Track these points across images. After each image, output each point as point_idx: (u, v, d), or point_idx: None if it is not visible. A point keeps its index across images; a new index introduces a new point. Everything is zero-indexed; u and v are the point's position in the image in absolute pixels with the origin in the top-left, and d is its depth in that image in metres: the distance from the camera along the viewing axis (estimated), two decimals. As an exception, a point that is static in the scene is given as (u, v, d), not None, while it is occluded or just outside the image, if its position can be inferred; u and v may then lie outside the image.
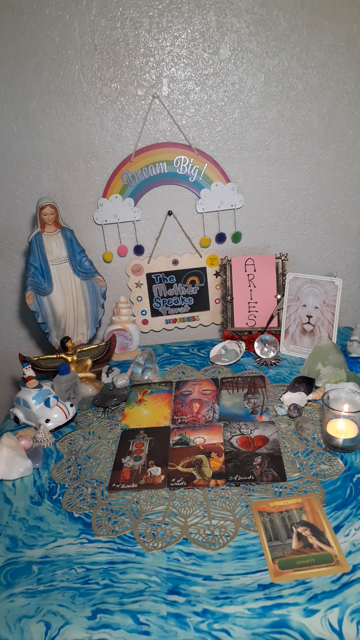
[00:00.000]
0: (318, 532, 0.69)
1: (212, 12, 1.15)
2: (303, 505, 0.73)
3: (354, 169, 1.30)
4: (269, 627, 0.58)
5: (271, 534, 0.70)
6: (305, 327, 1.22)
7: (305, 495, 0.75)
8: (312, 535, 0.68)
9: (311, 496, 0.75)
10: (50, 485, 0.86)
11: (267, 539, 0.69)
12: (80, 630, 0.60)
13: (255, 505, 0.74)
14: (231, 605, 0.61)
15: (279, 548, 0.68)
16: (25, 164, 1.25)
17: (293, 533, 0.69)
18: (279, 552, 0.67)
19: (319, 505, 0.73)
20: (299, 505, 0.73)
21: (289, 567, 0.65)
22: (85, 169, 1.27)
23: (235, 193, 1.30)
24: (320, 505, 0.74)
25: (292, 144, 1.27)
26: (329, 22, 1.16)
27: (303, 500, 0.74)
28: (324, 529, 0.70)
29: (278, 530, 0.70)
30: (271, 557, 0.66)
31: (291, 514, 0.72)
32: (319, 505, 0.74)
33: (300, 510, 0.73)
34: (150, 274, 1.36)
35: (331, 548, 0.67)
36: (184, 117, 1.24)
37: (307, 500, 0.74)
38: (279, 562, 0.65)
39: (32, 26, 1.13)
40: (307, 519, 0.71)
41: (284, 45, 1.18)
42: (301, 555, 0.66)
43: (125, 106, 1.22)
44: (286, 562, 0.65)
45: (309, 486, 0.79)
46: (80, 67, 1.17)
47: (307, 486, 0.79)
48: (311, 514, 0.72)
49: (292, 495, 0.75)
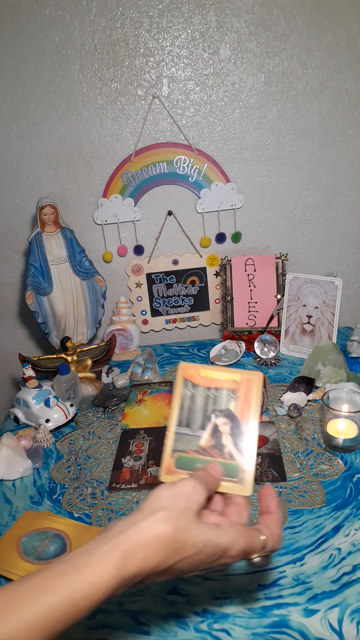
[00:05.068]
0: (238, 432, 0.51)
1: (212, 12, 1.15)
2: (239, 387, 0.53)
3: (354, 169, 1.30)
4: (269, 627, 0.58)
5: (185, 416, 0.53)
6: (305, 327, 1.22)
7: (247, 374, 0.53)
8: (230, 435, 0.51)
9: (254, 377, 0.53)
10: (50, 485, 0.86)
11: (177, 422, 0.52)
12: (80, 630, 0.60)
13: (185, 368, 0.54)
14: (231, 605, 0.61)
15: (185, 439, 0.52)
16: (25, 164, 1.25)
17: (209, 424, 0.52)
18: (182, 445, 0.52)
19: (257, 393, 0.52)
20: (235, 385, 0.53)
21: (186, 467, 0.51)
22: (85, 169, 1.27)
23: (235, 193, 1.30)
24: (259, 393, 0.53)
25: (292, 144, 1.27)
26: (329, 22, 1.16)
27: (242, 381, 0.53)
28: (246, 430, 0.51)
29: (194, 414, 0.53)
30: (172, 447, 0.51)
31: (219, 396, 0.53)
32: (258, 392, 0.52)
33: (232, 393, 0.53)
34: (150, 274, 1.36)
35: (242, 458, 0.50)
36: (184, 117, 1.24)
37: (246, 382, 0.53)
38: (178, 457, 0.51)
39: (32, 26, 1.13)
40: (234, 410, 0.52)
41: (284, 45, 1.18)
42: (205, 457, 0.51)
43: (125, 106, 1.22)
44: (185, 461, 0.51)
45: (309, 485, 0.79)
46: (80, 67, 1.17)
47: (307, 486, 0.79)
48: (242, 405, 0.52)
49: (232, 369, 0.54)
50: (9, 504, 0.82)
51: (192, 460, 0.51)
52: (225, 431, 0.51)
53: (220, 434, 0.51)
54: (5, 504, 0.82)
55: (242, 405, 0.52)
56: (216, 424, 0.52)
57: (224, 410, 0.52)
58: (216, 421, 0.52)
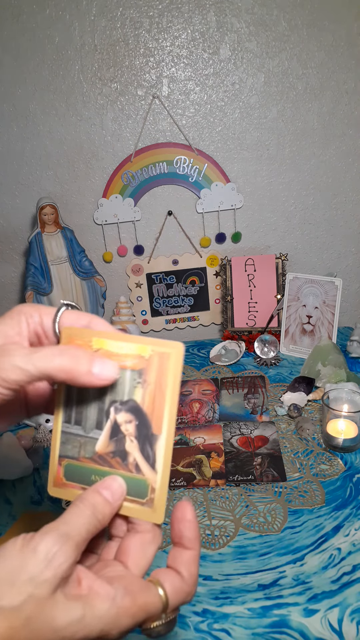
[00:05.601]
0: (146, 435, 0.35)
1: (212, 12, 1.15)
2: (148, 367, 0.35)
3: (354, 169, 1.30)
4: (269, 627, 0.58)
5: (73, 409, 0.37)
6: (305, 327, 1.22)
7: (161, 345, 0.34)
8: (135, 437, 0.35)
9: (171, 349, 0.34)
10: (50, 485, 0.86)
11: (63, 418, 0.37)
12: (80, 630, 0.60)
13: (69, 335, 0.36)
14: (231, 605, 0.61)
15: (75, 441, 0.37)
16: (25, 164, 1.25)
17: (108, 421, 0.36)
18: (72, 449, 0.37)
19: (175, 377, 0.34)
20: (142, 364, 0.35)
21: (79, 479, 0.37)
22: (85, 169, 1.27)
23: (235, 193, 1.30)
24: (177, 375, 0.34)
25: (292, 144, 1.27)
26: (329, 22, 1.16)
27: (152, 356, 0.35)
28: (161, 430, 0.35)
29: (85, 407, 0.37)
30: (59, 453, 0.38)
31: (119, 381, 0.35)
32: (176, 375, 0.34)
33: (138, 376, 0.35)
34: (150, 274, 1.36)
35: (153, 472, 0.35)
36: (184, 117, 1.24)
37: (159, 358, 0.35)
38: (67, 465, 0.37)
39: (32, 26, 1.13)
40: (141, 401, 0.35)
41: (284, 45, 1.18)
42: (103, 468, 0.36)
43: (125, 106, 1.22)
44: (77, 471, 0.37)
45: (309, 485, 0.79)
46: (80, 67, 1.17)
47: (307, 486, 0.79)
48: (153, 394, 0.35)
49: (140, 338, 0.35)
50: (9, 504, 0.82)
51: (86, 471, 0.36)
52: (128, 432, 0.35)
53: (123, 436, 0.35)
54: (5, 504, 0.82)
55: (153, 394, 0.34)
56: (117, 421, 0.36)
57: (126, 402, 0.35)
58: (116, 417, 0.35)
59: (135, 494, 0.35)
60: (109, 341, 0.35)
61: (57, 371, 0.32)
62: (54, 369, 0.32)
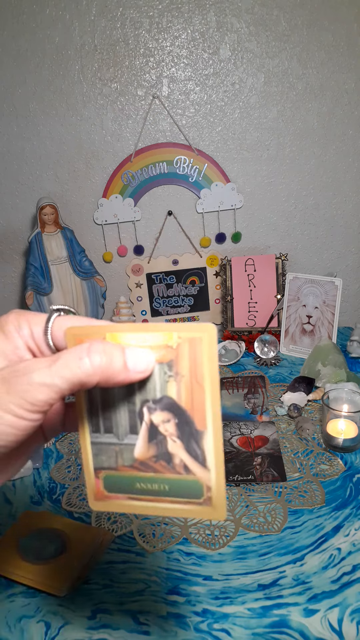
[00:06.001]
0: (190, 431, 0.32)
1: (212, 12, 1.15)
2: (177, 356, 0.31)
3: (354, 169, 1.30)
4: (269, 627, 0.58)
5: (100, 416, 0.33)
6: (305, 327, 1.22)
7: (188, 329, 0.30)
8: (178, 437, 0.32)
9: (202, 332, 0.30)
10: (50, 485, 0.86)
11: (90, 428, 0.34)
12: (80, 630, 0.60)
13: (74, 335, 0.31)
14: (231, 605, 0.61)
15: (109, 450, 0.34)
16: (25, 164, 1.25)
17: (142, 423, 0.33)
18: (108, 459, 0.34)
19: (211, 360, 0.30)
20: (170, 354, 0.31)
21: (123, 490, 0.34)
22: (85, 169, 1.27)
23: (235, 193, 1.30)
24: (214, 359, 0.30)
25: (292, 144, 1.27)
26: (329, 22, 1.16)
27: (180, 344, 0.30)
28: (205, 426, 0.31)
29: (113, 411, 0.33)
30: (93, 465, 0.34)
31: (147, 378, 0.32)
32: (212, 358, 0.30)
33: (169, 369, 0.31)
34: (150, 274, 1.36)
35: (205, 471, 0.32)
36: (184, 117, 1.24)
37: (190, 344, 0.30)
38: (107, 477, 0.34)
39: (32, 26, 1.13)
40: (177, 396, 0.31)
41: (284, 45, 1.18)
42: (147, 474, 0.33)
43: (125, 106, 1.22)
44: (119, 481, 0.34)
45: (309, 485, 0.79)
46: (80, 67, 1.17)
47: (307, 486, 0.79)
48: (189, 385, 0.31)
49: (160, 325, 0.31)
50: (9, 504, 0.82)
51: (128, 480, 0.34)
52: (169, 432, 0.32)
53: (163, 437, 0.32)
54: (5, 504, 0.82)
55: (190, 387, 0.31)
56: (153, 422, 0.32)
57: (159, 399, 0.32)
58: (152, 418, 0.32)
59: (189, 495, 0.33)
60: (126, 334, 0.31)
61: (89, 375, 0.28)
62: (85, 374, 0.28)
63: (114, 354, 0.29)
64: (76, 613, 0.62)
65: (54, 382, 0.27)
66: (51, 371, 0.27)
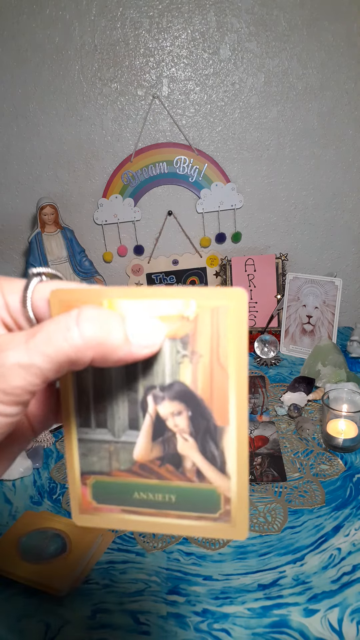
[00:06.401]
0: (208, 429, 0.25)
1: (212, 12, 1.15)
2: (195, 330, 0.24)
3: (354, 169, 1.30)
4: (269, 627, 0.58)
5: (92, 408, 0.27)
6: (305, 327, 1.22)
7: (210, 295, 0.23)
8: (192, 434, 0.26)
9: (229, 299, 0.23)
10: (50, 485, 0.86)
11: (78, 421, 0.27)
12: (80, 630, 0.60)
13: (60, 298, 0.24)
14: (231, 605, 0.61)
15: (102, 451, 0.27)
16: (25, 164, 1.25)
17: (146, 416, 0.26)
18: (100, 462, 0.27)
19: (240, 337, 0.24)
20: (186, 328, 0.24)
21: (117, 500, 0.27)
22: (85, 169, 1.27)
23: (235, 193, 1.30)
24: (242, 337, 0.24)
25: (292, 144, 1.27)
26: (329, 22, 1.16)
27: (199, 314, 0.24)
28: (227, 420, 0.25)
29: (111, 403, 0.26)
30: (80, 469, 0.27)
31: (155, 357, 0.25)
32: (240, 334, 0.24)
33: (183, 346, 0.24)
34: (150, 274, 1.36)
35: (224, 478, 0.25)
36: (184, 117, 1.24)
37: (212, 315, 0.24)
38: (96, 484, 0.27)
39: (32, 26, 1.13)
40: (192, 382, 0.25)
41: (284, 45, 1.18)
42: (149, 481, 0.27)
43: (125, 106, 1.22)
44: (111, 489, 0.27)
45: (309, 485, 0.79)
46: (80, 67, 1.17)
47: (307, 486, 0.79)
48: (211, 367, 0.24)
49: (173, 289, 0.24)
50: (9, 504, 0.82)
51: (125, 487, 0.27)
52: (179, 428, 0.25)
53: (171, 434, 0.26)
54: (5, 504, 0.82)
55: (209, 370, 0.24)
56: (159, 415, 0.26)
57: (169, 386, 0.25)
58: (158, 410, 0.25)
59: (202, 508, 0.26)
60: (129, 301, 0.24)
61: (80, 350, 0.21)
62: (74, 349, 0.21)
63: (111, 322, 0.22)
64: (76, 613, 0.62)
65: (33, 362, 0.21)
66: (29, 347, 0.21)
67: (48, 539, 0.71)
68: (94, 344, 0.21)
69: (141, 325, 0.23)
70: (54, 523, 0.74)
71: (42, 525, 0.74)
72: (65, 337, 0.21)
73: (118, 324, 0.22)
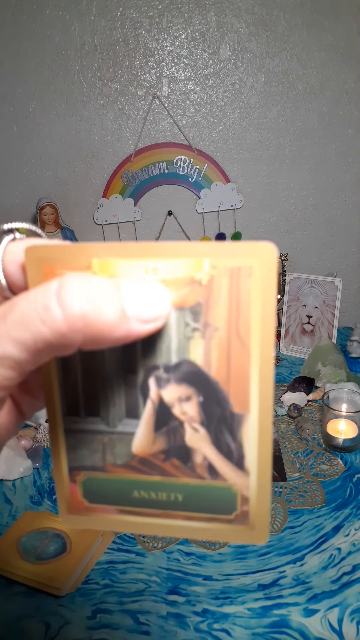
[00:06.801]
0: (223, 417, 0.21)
1: (212, 12, 1.15)
2: (207, 297, 0.20)
3: (354, 169, 1.30)
4: (269, 627, 0.58)
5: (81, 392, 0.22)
6: (305, 327, 1.22)
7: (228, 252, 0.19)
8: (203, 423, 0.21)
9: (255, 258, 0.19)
10: (50, 485, 0.86)
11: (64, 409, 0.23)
12: (80, 630, 0.60)
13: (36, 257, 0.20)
14: (231, 605, 0.61)
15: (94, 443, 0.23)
16: (25, 164, 1.25)
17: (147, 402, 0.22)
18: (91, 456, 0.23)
19: (268, 304, 0.19)
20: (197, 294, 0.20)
21: (112, 500, 0.24)
22: (85, 169, 1.27)
23: (235, 193, 1.30)
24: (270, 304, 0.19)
25: (292, 144, 1.27)
26: (329, 22, 1.16)
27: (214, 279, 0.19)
28: (248, 406, 0.21)
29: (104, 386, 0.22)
30: (68, 463, 0.24)
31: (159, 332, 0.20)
32: (268, 301, 0.19)
33: (193, 317, 0.20)
34: (150, 274, 1.36)
35: (242, 474, 0.22)
36: (184, 117, 1.24)
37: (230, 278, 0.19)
38: (88, 481, 0.23)
39: (32, 26, 1.13)
40: (205, 360, 0.21)
41: (284, 45, 1.18)
42: (150, 478, 0.23)
43: (125, 106, 1.22)
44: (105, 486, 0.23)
45: (309, 485, 0.79)
46: (80, 67, 1.17)
47: (307, 486, 0.79)
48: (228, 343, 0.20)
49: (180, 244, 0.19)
50: (9, 504, 0.82)
51: (121, 484, 0.23)
52: (188, 416, 0.22)
53: (178, 423, 0.22)
54: (5, 504, 0.82)
55: (227, 346, 0.20)
56: (163, 400, 0.22)
57: (176, 366, 0.21)
58: (162, 394, 0.22)
59: (214, 509, 0.22)
60: (125, 262, 0.20)
61: (63, 335, 0.17)
62: (56, 334, 0.17)
63: (103, 294, 0.17)
64: (76, 613, 0.62)
65: (5, 352, 0.17)
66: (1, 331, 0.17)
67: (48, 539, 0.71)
68: (81, 325, 0.17)
69: (142, 294, 0.18)
70: (54, 523, 0.74)
71: (42, 525, 0.74)
72: (43, 319, 0.17)
73: (112, 296, 0.18)
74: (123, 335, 0.18)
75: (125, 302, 0.18)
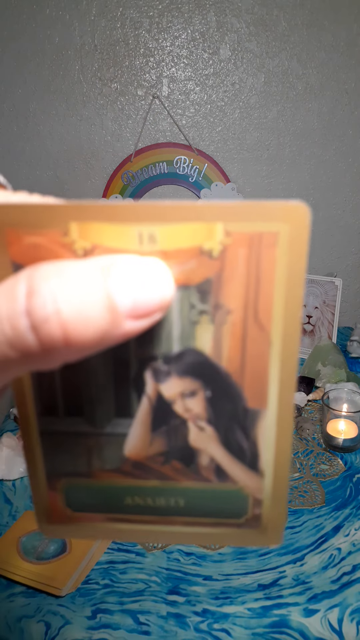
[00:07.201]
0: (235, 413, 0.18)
1: (212, 12, 1.15)
2: (219, 273, 0.16)
3: (354, 169, 1.30)
4: (269, 627, 0.58)
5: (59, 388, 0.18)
6: (305, 327, 1.22)
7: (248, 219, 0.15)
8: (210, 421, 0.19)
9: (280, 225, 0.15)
10: (50, 485, 0.86)
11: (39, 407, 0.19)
12: (80, 630, 0.60)
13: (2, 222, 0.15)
14: (231, 605, 0.61)
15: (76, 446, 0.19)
16: (25, 164, 1.25)
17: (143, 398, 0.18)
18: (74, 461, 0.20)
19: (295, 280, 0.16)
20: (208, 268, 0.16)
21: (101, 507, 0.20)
22: (85, 169, 1.27)
23: (235, 193, 1.30)
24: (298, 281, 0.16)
25: (292, 144, 1.27)
26: (329, 22, 1.16)
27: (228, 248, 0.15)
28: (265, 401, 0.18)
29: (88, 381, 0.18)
30: (45, 469, 0.20)
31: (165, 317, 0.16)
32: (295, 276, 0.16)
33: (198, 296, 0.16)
34: (150, 274, 1.36)
35: (255, 475, 0.19)
36: (184, 117, 1.24)
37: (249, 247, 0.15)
38: (70, 489, 0.20)
39: (32, 26, 1.13)
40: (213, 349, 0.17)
41: (284, 45, 1.18)
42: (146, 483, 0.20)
43: (125, 106, 1.22)
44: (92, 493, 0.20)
45: (309, 485, 0.79)
46: (80, 67, 1.17)
47: (307, 486, 0.79)
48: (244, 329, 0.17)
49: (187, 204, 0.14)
50: (9, 504, 0.82)
51: (112, 492, 0.20)
52: (192, 414, 0.19)
53: (180, 422, 0.19)
54: (5, 504, 0.82)
55: (242, 329, 0.17)
56: (162, 396, 0.19)
57: (177, 355, 0.18)
58: (161, 390, 0.18)
59: (222, 513, 0.20)
60: (113, 227, 0.15)
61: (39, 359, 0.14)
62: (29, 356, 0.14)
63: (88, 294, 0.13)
64: (76, 613, 0.62)
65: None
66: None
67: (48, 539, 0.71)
68: (61, 344, 0.13)
69: (137, 278, 0.14)
70: (54, 523, 0.74)
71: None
72: (11, 342, 0.13)
73: (98, 291, 0.13)
74: (115, 341, 0.15)
75: (115, 294, 0.14)
